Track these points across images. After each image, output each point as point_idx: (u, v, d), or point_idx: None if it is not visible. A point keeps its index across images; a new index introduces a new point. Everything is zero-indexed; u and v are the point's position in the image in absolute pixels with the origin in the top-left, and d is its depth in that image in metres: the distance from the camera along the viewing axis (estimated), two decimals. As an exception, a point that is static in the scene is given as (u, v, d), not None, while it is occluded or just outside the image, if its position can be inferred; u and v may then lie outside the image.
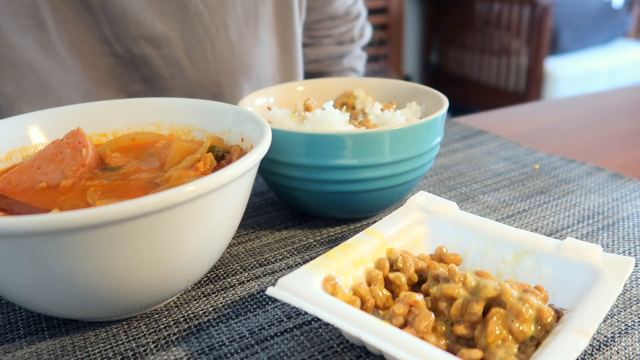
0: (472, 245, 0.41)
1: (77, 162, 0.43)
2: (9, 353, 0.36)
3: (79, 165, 0.42)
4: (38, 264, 0.30)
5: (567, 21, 3.00)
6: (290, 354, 0.36)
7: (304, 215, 0.54)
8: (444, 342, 0.33)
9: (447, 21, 3.40)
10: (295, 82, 0.63)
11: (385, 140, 0.45)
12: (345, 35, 0.95)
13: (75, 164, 0.42)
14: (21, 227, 0.28)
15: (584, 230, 0.51)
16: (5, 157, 0.46)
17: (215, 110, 0.49)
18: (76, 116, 0.49)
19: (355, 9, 0.95)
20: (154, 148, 0.47)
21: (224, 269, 0.46)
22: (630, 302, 0.40)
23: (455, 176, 0.64)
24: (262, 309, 0.40)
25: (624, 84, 1.58)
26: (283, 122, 0.50)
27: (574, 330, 0.30)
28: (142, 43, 0.72)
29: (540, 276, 0.38)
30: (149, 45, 0.72)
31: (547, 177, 0.62)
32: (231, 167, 0.34)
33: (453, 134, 0.78)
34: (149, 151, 0.47)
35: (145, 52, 0.72)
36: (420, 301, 0.34)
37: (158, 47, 0.72)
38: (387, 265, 0.39)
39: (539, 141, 0.77)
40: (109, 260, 0.31)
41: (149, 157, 0.46)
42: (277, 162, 0.48)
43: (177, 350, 0.36)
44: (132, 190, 0.40)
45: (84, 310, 0.36)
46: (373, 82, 0.62)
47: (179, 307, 0.41)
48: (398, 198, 0.52)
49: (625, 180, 0.61)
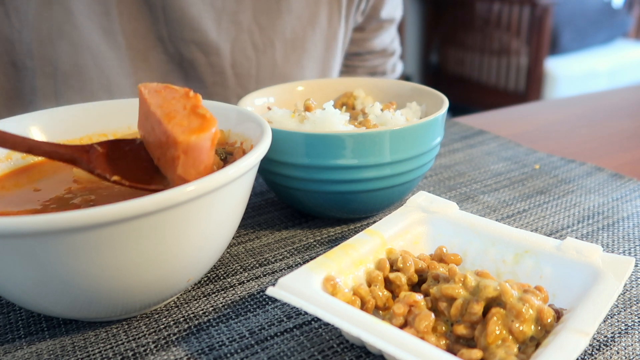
0: (472, 245, 0.41)
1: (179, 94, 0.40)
2: (9, 353, 0.36)
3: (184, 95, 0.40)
4: (38, 264, 0.30)
5: (567, 21, 3.00)
6: (290, 354, 0.36)
7: (304, 215, 0.54)
8: (444, 342, 0.33)
9: (447, 21, 3.40)
10: (296, 82, 0.63)
11: (385, 140, 0.45)
12: (378, 68, 1.00)
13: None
14: (21, 227, 0.28)
15: (584, 230, 0.51)
16: (5, 157, 0.46)
17: (216, 110, 0.48)
18: (76, 116, 0.49)
19: (391, 47, 1.01)
20: None
21: (224, 269, 0.46)
22: (630, 302, 0.40)
23: (455, 176, 0.64)
24: (262, 309, 0.40)
25: (624, 84, 1.58)
26: (283, 122, 0.50)
27: (574, 330, 0.30)
28: (193, 48, 0.75)
29: (540, 276, 0.38)
30: (199, 51, 0.76)
31: (547, 177, 0.63)
32: (231, 167, 0.34)
33: (453, 134, 0.78)
34: None
35: (195, 56, 0.76)
36: (420, 301, 0.34)
37: (207, 54, 0.76)
38: (387, 266, 0.39)
39: (539, 141, 0.77)
40: (109, 260, 0.31)
41: None
42: (277, 162, 0.48)
43: (177, 350, 0.36)
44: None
45: (84, 310, 0.36)
46: (373, 82, 0.62)
47: (179, 307, 0.41)
48: (398, 198, 0.52)
49: (625, 180, 0.61)
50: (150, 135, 0.39)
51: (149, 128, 0.39)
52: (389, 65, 1.01)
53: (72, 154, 0.38)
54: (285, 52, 0.82)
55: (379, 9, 0.91)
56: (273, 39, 0.80)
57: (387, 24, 0.96)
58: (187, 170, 0.36)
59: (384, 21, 0.94)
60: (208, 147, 0.36)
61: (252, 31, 0.78)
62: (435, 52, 3.55)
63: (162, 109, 0.37)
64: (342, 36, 0.88)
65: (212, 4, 0.75)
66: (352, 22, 0.90)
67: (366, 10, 0.90)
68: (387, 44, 0.99)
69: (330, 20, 0.85)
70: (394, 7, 0.95)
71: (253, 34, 0.79)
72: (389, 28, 0.97)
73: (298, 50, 0.83)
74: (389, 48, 1.00)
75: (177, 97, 0.39)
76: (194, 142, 0.35)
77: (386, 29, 0.96)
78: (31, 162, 0.47)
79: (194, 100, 0.38)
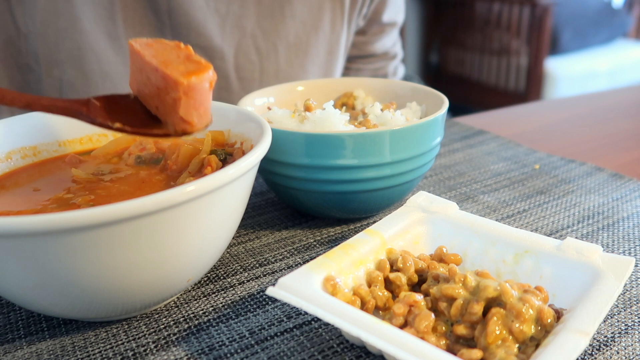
0: (472, 245, 0.41)
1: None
2: (9, 353, 0.36)
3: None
4: (38, 263, 0.30)
5: (567, 21, 3.00)
6: (290, 354, 0.36)
7: (304, 215, 0.54)
8: (444, 342, 0.33)
9: (447, 21, 3.40)
10: (296, 82, 0.63)
11: (385, 140, 0.45)
12: (379, 71, 1.00)
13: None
14: (21, 227, 0.28)
15: (584, 230, 0.51)
16: (5, 157, 0.46)
17: (216, 110, 0.48)
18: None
19: (393, 50, 1.01)
20: None
21: (224, 269, 0.46)
22: (630, 302, 0.40)
23: (455, 176, 0.64)
24: (262, 309, 0.40)
25: (624, 84, 1.58)
26: (283, 122, 0.50)
27: (574, 330, 0.30)
28: (197, 52, 0.76)
29: (540, 276, 0.38)
30: (204, 55, 0.76)
31: (547, 177, 0.62)
32: (231, 167, 0.34)
33: (453, 134, 0.78)
34: None
35: None
36: (420, 301, 0.34)
37: (212, 58, 0.77)
38: (388, 266, 0.39)
39: (539, 141, 0.77)
40: (109, 260, 0.31)
41: None
42: (277, 162, 0.48)
43: (177, 350, 0.36)
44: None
45: (84, 310, 0.36)
46: (373, 82, 0.62)
47: (179, 307, 0.41)
48: (398, 198, 0.52)
49: (625, 180, 0.61)
50: (145, 86, 0.39)
51: (143, 80, 0.39)
52: (390, 69, 1.02)
53: (71, 107, 0.39)
54: (288, 57, 0.83)
55: (380, 12, 0.92)
56: (276, 44, 0.81)
57: (389, 27, 0.96)
58: (189, 112, 0.37)
59: (385, 25, 0.95)
60: (207, 89, 0.37)
61: (255, 36, 0.79)
62: (435, 52, 3.54)
63: (157, 58, 0.38)
64: (344, 40, 0.89)
65: (216, 9, 0.75)
66: (354, 26, 0.90)
67: (368, 14, 0.91)
68: (389, 47, 1.00)
69: (333, 25, 0.85)
70: (396, 11, 0.96)
71: (256, 39, 0.80)
72: (391, 32, 0.98)
73: (301, 55, 0.84)
74: (390, 51, 1.00)
75: (168, 48, 0.39)
76: (194, 82, 0.36)
77: (388, 33, 0.97)
78: (31, 162, 0.47)
79: (186, 50, 0.39)
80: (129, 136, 0.49)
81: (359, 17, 0.90)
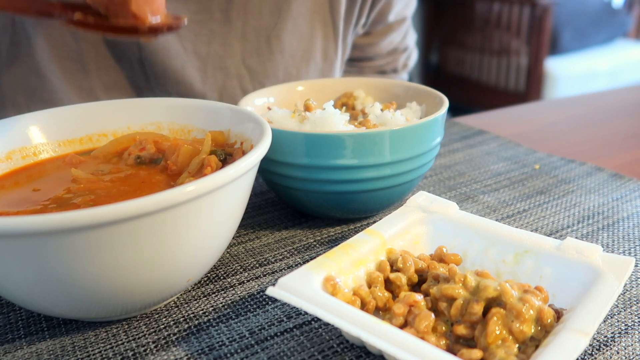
0: (472, 245, 0.41)
1: None
2: (9, 353, 0.36)
3: None
4: (38, 264, 0.30)
5: (567, 21, 3.00)
6: (290, 354, 0.36)
7: (304, 215, 0.54)
8: (444, 342, 0.33)
9: (447, 21, 3.40)
10: (295, 82, 0.63)
11: (385, 140, 0.45)
12: (387, 66, 0.93)
13: None
14: (21, 227, 0.28)
15: (584, 230, 0.51)
16: (5, 157, 0.46)
17: (215, 110, 0.49)
18: (76, 116, 0.49)
19: (402, 45, 0.93)
20: None
21: (224, 269, 0.46)
22: (630, 302, 0.40)
23: (455, 176, 0.64)
24: (262, 309, 0.40)
25: (624, 84, 1.58)
26: (283, 122, 0.50)
27: (574, 330, 0.30)
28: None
29: (540, 276, 0.38)
30: None
31: (547, 177, 0.62)
32: (231, 167, 0.34)
33: (453, 134, 0.78)
34: None
35: None
36: (420, 301, 0.34)
37: None
38: (388, 267, 0.39)
39: (539, 141, 0.77)
40: (109, 260, 0.31)
41: None
42: (277, 162, 0.48)
43: (177, 350, 0.36)
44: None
45: (84, 310, 0.36)
46: (373, 82, 0.62)
47: (179, 307, 0.41)
48: (398, 198, 0.52)
49: (625, 180, 0.61)
50: None
51: None
52: (399, 62, 0.93)
53: (45, 8, 0.38)
54: None
55: (386, 14, 0.84)
56: (264, 83, 0.75)
57: (397, 24, 0.88)
58: (141, 7, 0.37)
59: (393, 23, 0.87)
60: None
61: (241, 76, 0.73)
62: (435, 52, 3.54)
63: None
64: (339, 64, 0.82)
65: (195, 52, 0.70)
66: (351, 38, 0.84)
67: (368, 22, 0.84)
68: (397, 43, 0.91)
69: (326, 53, 0.79)
70: (404, 6, 0.87)
71: (242, 79, 0.74)
72: (399, 28, 0.89)
73: None
74: (399, 47, 0.92)
75: None
76: None
77: (395, 30, 0.89)
78: (31, 162, 0.47)
79: None
80: (129, 136, 0.49)
81: (357, 27, 0.83)
